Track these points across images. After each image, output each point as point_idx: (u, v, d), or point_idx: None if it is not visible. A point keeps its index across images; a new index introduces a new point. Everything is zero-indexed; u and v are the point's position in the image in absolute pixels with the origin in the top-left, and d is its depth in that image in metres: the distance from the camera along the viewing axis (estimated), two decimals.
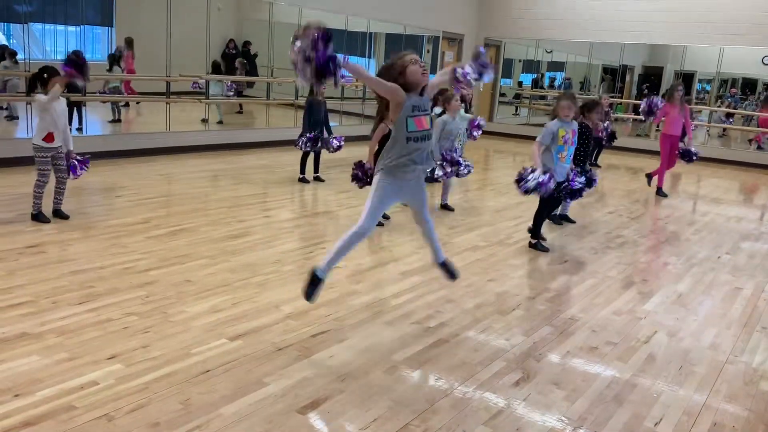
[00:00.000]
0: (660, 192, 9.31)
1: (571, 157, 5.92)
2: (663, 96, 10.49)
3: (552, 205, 6.16)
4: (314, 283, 3.64)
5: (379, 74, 3.59)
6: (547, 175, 5.62)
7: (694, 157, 9.14)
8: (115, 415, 2.80)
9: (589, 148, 6.67)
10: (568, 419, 3.07)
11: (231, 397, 3.03)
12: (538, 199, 6.00)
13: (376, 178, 3.66)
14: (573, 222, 7.18)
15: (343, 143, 8.31)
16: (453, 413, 3.04)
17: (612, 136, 10.92)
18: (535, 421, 3.04)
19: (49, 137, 5.58)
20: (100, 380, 3.08)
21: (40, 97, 5.50)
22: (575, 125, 5.91)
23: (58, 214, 5.81)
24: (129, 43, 11.45)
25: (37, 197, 5.68)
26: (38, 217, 5.68)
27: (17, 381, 3.03)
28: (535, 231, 6.09)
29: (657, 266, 5.83)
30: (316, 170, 8.41)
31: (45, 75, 5.55)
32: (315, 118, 8.04)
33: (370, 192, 3.66)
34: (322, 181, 8.37)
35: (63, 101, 5.70)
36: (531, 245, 6.07)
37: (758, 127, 14.47)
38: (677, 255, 6.23)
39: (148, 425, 2.75)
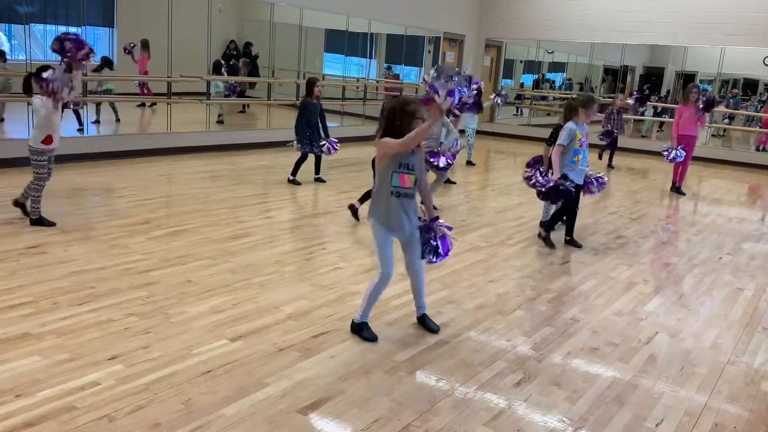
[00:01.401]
0: (678, 190, 9.51)
1: (587, 160, 5.92)
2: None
3: (574, 206, 6.09)
4: (362, 328, 3.82)
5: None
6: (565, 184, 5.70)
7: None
8: (116, 416, 2.80)
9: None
10: (569, 420, 3.07)
11: (232, 397, 3.03)
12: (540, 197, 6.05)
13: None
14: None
15: (338, 147, 8.27)
16: (454, 414, 3.04)
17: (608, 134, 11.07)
18: (536, 422, 3.04)
19: (47, 140, 5.52)
20: (100, 381, 3.08)
21: (38, 100, 5.40)
22: (586, 127, 5.93)
23: (20, 204, 5.71)
24: (145, 44, 11.47)
25: (36, 201, 5.59)
26: (40, 221, 5.59)
27: (18, 381, 3.03)
28: (550, 225, 6.11)
29: (658, 267, 5.83)
30: (317, 171, 8.40)
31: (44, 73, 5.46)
32: (308, 120, 8.03)
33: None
34: (323, 182, 8.37)
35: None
36: (541, 236, 6.13)
37: (761, 127, 14.47)
38: (678, 256, 6.22)
39: (149, 426, 2.75)
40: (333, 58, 14.36)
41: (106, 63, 10.68)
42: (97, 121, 10.68)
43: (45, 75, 5.27)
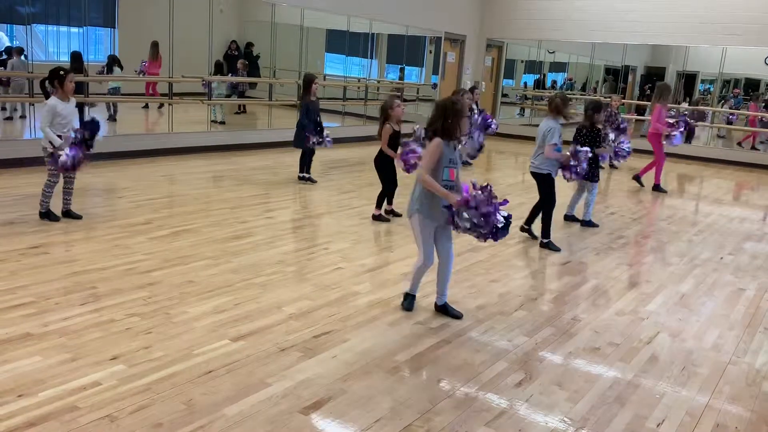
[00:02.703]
0: (658, 188, 9.64)
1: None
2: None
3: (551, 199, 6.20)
4: (413, 299, 4.30)
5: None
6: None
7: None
8: (118, 416, 2.81)
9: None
10: (570, 420, 3.07)
11: (234, 397, 3.03)
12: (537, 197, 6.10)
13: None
14: (597, 225, 7.12)
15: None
16: (455, 414, 3.04)
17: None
18: (538, 422, 3.04)
19: None
20: (102, 381, 3.09)
21: (52, 101, 5.49)
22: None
23: (69, 214, 5.83)
24: (155, 45, 11.48)
25: (46, 196, 5.71)
26: (48, 215, 5.71)
27: (20, 381, 3.03)
28: (546, 230, 6.13)
29: (659, 267, 5.82)
30: (308, 169, 8.41)
31: (61, 72, 5.52)
32: (311, 118, 8.05)
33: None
34: (315, 181, 8.36)
35: (73, 101, 5.71)
36: (543, 245, 6.11)
37: (748, 126, 14.54)
38: (680, 256, 6.22)
39: (151, 426, 2.76)
40: (334, 58, 14.36)
41: (114, 61, 10.70)
42: (113, 119, 10.73)
43: (61, 155, 5.49)
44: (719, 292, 5.22)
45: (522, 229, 6.41)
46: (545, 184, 6.09)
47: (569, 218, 7.23)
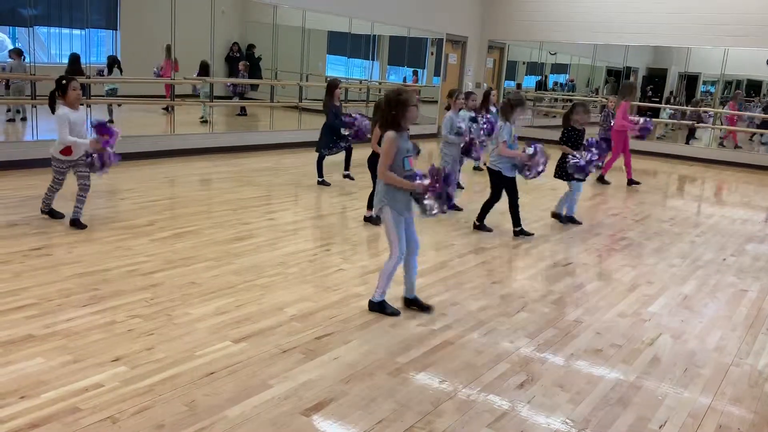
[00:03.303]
0: (632, 182, 10.09)
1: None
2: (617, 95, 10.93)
3: (514, 196, 6.50)
4: (383, 306, 4.22)
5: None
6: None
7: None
8: (120, 417, 2.81)
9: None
10: (572, 421, 3.07)
11: (236, 399, 3.03)
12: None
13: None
14: (579, 223, 7.18)
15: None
16: (457, 415, 3.04)
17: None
18: (540, 424, 3.04)
19: (66, 150, 5.49)
20: (104, 382, 3.09)
21: (62, 110, 5.43)
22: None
23: (76, 224, 5.61)
24: (168, 49, 11.48)
25: (49, 197, 5.72)
26: (51, 213, 5.72)
27: (22, 383, 3.04)
28: (516, 219, 6.51)
29: (661, 268, 5.82)
30: (321, 174, 8.36)
31: (63, 81, 5.45)
32: (334, 122, 7.94)
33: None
34: (328, 184, 8.33)
35: (82, 110, 5.65)
36: (476, 227, 6.60)
37: (729, 125, 14.63)
38: (682, 257, 6.21)
39: (153, 427, 2.76)
40: (336, 60, 14.37)
41: (114, 63, 10.70)
42: (111, 121, 10.74)
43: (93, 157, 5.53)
44: (721, 293, 5.22)
45: (474, 227, 6.68)
46: (495, 179, 6.44)
47: (556, 216, 7.29)
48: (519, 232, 6.48)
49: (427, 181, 3.95)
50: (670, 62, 16.44)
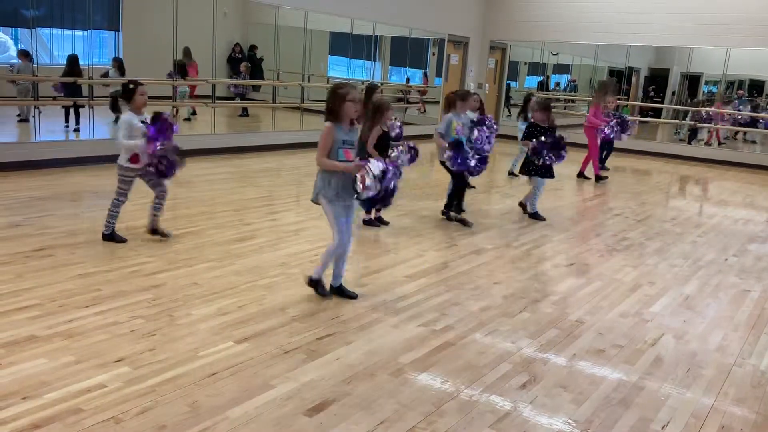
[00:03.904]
0: (599, 178, 10.39)
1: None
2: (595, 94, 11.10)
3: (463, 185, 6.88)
4: (318, 283, 4.44)
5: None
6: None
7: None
8: (123, 418, 2.81)
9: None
10: (574, 422, 3.07)
11: (238, 399, 3.04)
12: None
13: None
14: (543, 219, 7.29)
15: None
16: (459, 416, 3.04)
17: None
18: (542, 424, 3.03)
19: (135, 158, 5.25)
20: (107, 383, 3.09)
21: (127, 115, 5.17)
22: (464, 117, 6.89)
23: (157, 232, 5.48)
24: (187, 53, 11.51)
25: (113, 216, 5.38)
26: (112, 237, 5.36)
27: (25, 384, 3.04)
28: (448, 204, 6.88)
29: (663, 268, 5.81)
30: None
31: (131, 86, 5.19)
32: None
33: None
34: None
35: (145, 115, 5.39)
36: (453, 219, 6.81)
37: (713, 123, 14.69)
38: (684, 257, 6.21)
39: (155, 428, 2.76)
40: (338, 60, 14.38)
41: (117, 65, 10.71)
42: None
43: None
44: (724, 293, 5.21)
45: (443, 213, 7.00)
46: (448, 169, 6.77)
47: (523, 206, 7.52)
48: (445, 213, 6.89)
49: (361, 164, 4.11)
50: (672, 62, 16.44)
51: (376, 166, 4.09)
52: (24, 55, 9.49)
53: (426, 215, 7.17)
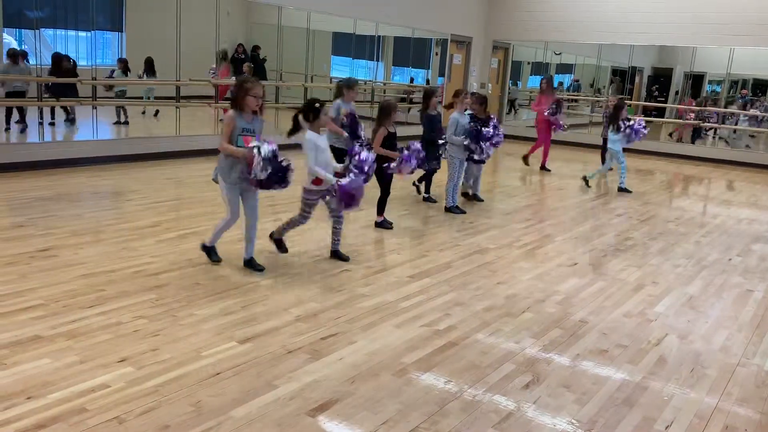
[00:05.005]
0: (545, 168, 10.86)
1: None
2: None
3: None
4: (210, 251, 5.05)
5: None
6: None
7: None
8: (126, 418, 2.82)
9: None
10: (578, 422, 3.06)
11: (241, 399, 3.04)
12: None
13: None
14: (482, 200, 7.96)
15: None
16: (463, 416, 3.04)
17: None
18: (545, 424, 3.03)
19: (318, 180, 5.01)
20: (110, 383, 3.10)
21: (309, 135, 4.92)
22: (351, 105, 6.99)
23: (338, 255, 5.33)
24: (224, 56, 11.56)
25: (286, 227, 5.23)
26: (278, 243, 5.25)
27: (29, 384, 3.05)
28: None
29: (667, 268, 5.80)
30: (428, 189, 7.94)
31: (317, 105, 4.92)
32: (430, 135, 7.38)
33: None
34: (435, 201, 7.83)
35: (324, 134, 5.24)
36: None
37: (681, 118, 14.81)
38: (687, 257, 6.19)
39: (159, 428, 2.77)
40: (340, 60, 14.38)
41: (123, 66, 10.72)
42: (126, 122, 10.77)
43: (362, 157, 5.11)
44: (727, 293, 5.20)
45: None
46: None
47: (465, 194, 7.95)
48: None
49: (254, 150, 4.45)
50: (676, 62, 16.41)
51: (266, 148, 4.47)
52: (11, 56, 9.28)
53: (429, 216, 7.17)
